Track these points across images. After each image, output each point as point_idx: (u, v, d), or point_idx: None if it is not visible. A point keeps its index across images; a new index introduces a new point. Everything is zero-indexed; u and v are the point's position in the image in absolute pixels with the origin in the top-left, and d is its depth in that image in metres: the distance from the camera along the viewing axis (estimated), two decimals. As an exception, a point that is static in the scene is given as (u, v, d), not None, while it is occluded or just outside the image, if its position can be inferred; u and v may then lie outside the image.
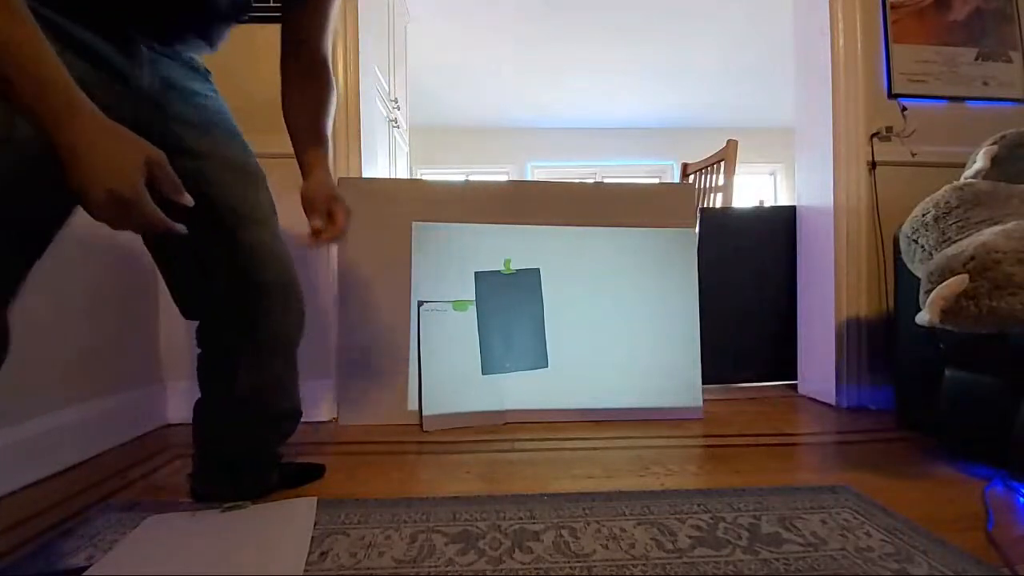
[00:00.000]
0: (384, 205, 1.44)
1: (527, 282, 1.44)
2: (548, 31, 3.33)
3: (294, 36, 0.91)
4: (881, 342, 1.50)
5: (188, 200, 0.62)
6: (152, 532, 0.77)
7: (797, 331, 1.71)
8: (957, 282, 0.86)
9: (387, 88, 2.24)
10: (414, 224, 1.43)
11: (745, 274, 1.79)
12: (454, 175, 5.25)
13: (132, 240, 1.33)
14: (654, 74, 4.07)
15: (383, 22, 2.18)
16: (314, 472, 0.99)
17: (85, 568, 0.67)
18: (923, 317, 0.91)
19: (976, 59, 1.56)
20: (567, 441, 1.23)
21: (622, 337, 1.45)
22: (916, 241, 1.05)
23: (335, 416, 1.41)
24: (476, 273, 1.43)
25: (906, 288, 1.18)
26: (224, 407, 0.87)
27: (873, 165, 1.52)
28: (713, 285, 1.68)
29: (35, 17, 0.49)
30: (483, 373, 1.39)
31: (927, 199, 1.07)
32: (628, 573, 0.66)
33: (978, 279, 0.84)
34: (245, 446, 0.89)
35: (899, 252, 1.15)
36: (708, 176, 2.40)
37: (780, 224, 1.77)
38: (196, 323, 0.87)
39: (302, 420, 0.98)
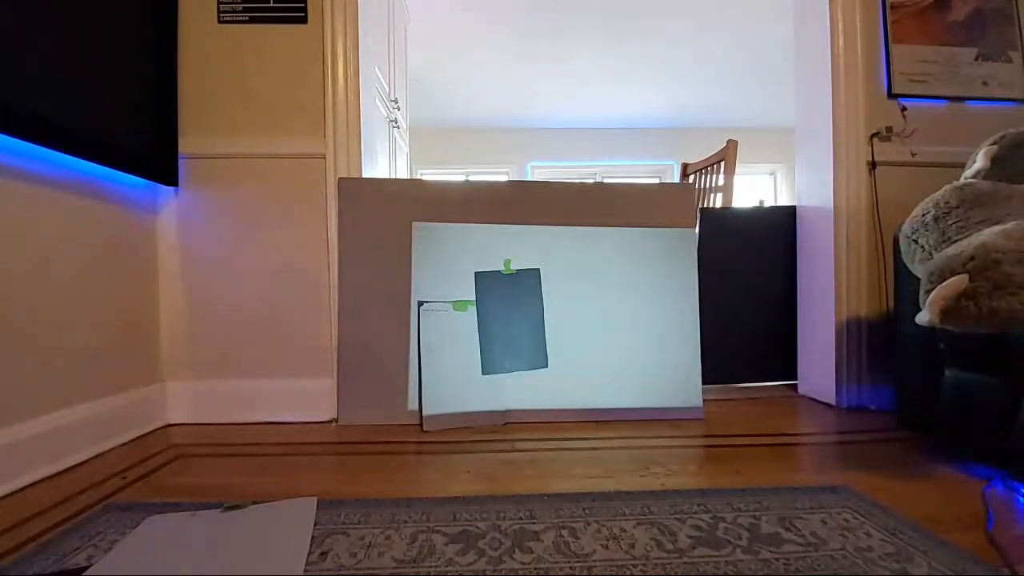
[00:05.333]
0: (384, 205, 1.44)
1: (527, 282, 1.44)
2: (548, 31, 3.33)
3: None
4: (881, 342, 1.50)
5: None
6: (152, 532, 0.77)
7: (797, 331, 1.71)
8: (957, 282, 0.86)
9: (387, 88, 2.25)
10: (414, 224, 1.43)
11: (745, 274, 1.79)
12: (454, 175, 5.26)
13: (133, 240, 1.34)
14: (654, 74, 4.07)
15: (383, 22, 2.18)
16: None
17: (85, 568, 0.67)
18: (923, 317, 0.91)
19: (976, 59, 1.56)
20: (567, 441, 1.23)
21: (622, 337, 1.45)
22: (916, 241, 1.05)
23: (335, 416, 1.41)
24: (476, 273, 1.43)
25: (906, 288, 1.18)
26: None
27: (873, 165, 1.52)
28: (713, 285, 1.68)
29: None
30: (483, 373, 1.39)
31: (927, 199, 1.06)
32: (628, 573, 0.66)
33: (978, 279, 0.84)
34: None
35: (899, 252, 1.15)
36: (708, 176, 2.40)
37: (780, 224, 1.77)
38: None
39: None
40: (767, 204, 4.73)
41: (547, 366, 1.42)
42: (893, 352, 1.39)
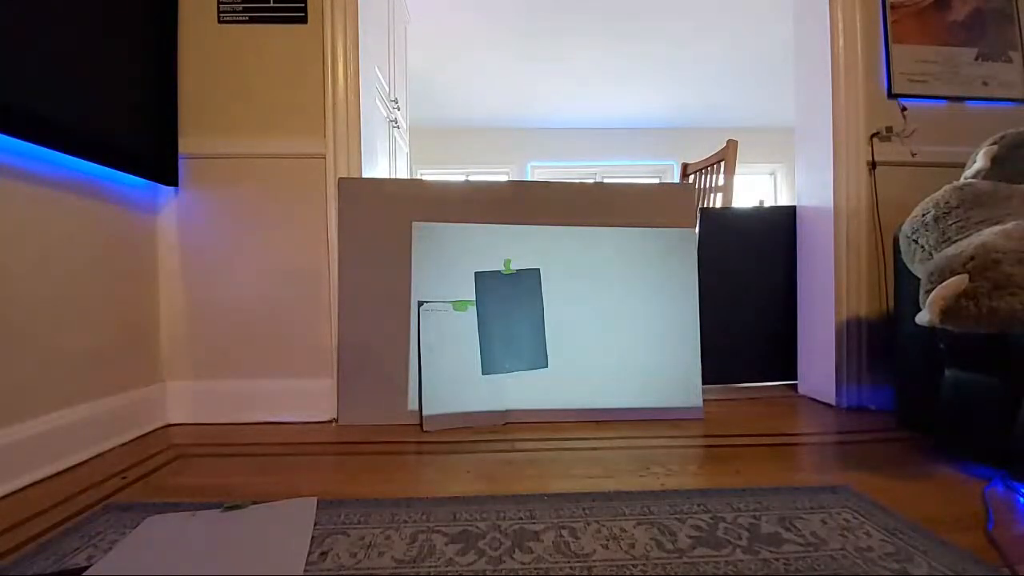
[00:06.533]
0: (384, 205, 1.44)
1: (527, 282, 1.44)
2: (548, 31, 3.33)
3: None
4: (881, 342, 1.50)
5: None
6: (152, 532, 0.77)
7: (797, 331, 1.71)
8: (957, 282, 0.86)
9: (387, 88, 2.25)
10: (414, 224, 1.43)
11: (745, 274, 1.79)
12: (454, 175, 5.26)
13: (133, 240, 1.34)
14: (654, 74, 4.07)
15: (383, 22, 2.18)
16: None
17: (85, 568, 0.67)
18: (923, 317, 0.91)
19: (976, 59, 1.56)
20: (567, 441, 1.23)
21: (622, 337, 1.45)
22: (916, 241, 1.05)
23: (335, 416, 1.41)
24: (476, 273, 1.43)
25: (906, 288, 1.18)
26: None
27: (873, 165, 1.52)
28: (713, 285, 1.68)
29: None
30: (483, 373, 1.39)
31: (927, 199, 1.06)
32: (628, 573, 0.66)
33: (978, 279, 0.84)
34: None
35: (899, 252, 1.15)
36: (708, 176, 2.40)
37: (780, 224, 1.77)
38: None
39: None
40: (767, 204, 4.73)
41: (547, 366, 1.42)
42: (893, 352, 1.38)
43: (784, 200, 5.43)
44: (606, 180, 5.10)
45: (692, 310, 1.48)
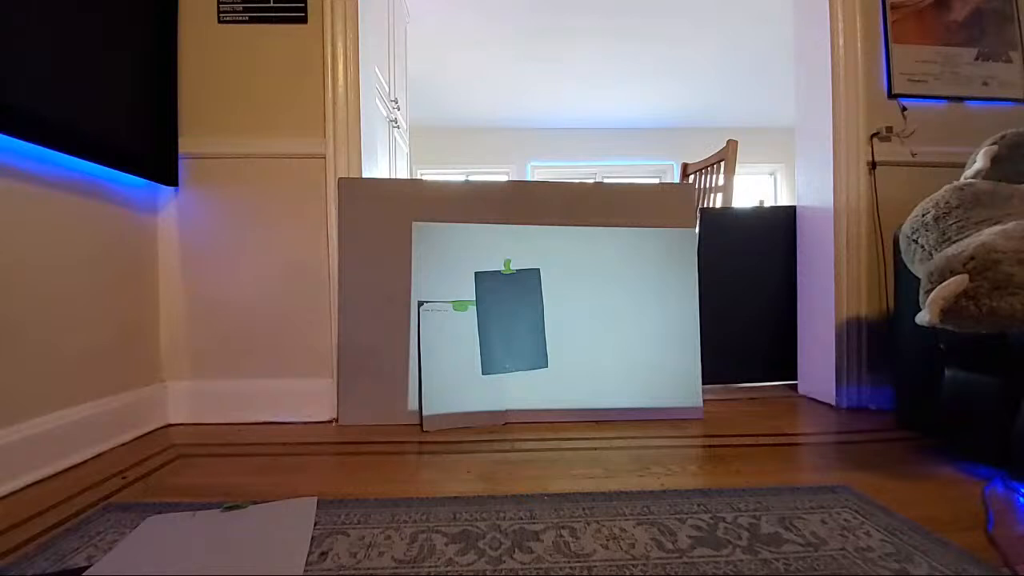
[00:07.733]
0: (384, 205, 1.44)
1: (527, 282, 1.44)
2: (548, 31, 3.33)
3: None
4: (881, 342, 1.50)
5: None
6: (152, 532, 0.77)
7: (797, 331, 1.71)
8: (957, 282, 0.86)
9: (387, 88, 2.24)
10: (414, 224, 1.43)
11: (745, 274, 1.79)
12: (454, 175, 5.25)
13: (133, 240, 1.34)
14: (654, 74, 4.07)
15: (383, 22, 2.18)
16: None
17: (85, 568, 0.67)
18: (923, 317, 0.91)
19: (976, 59, 1.56)
20: (567, 441, 1.23)
21: (622, 337, 1.45)
22: (916, 241, 1.05)
23: (335, 416, 1.41)
24: (476, 273, 1.43)
25: (906, 288, 1.18)
26: None
27: (873, 165, 1.52)
28: (713, 285, 1.68)
29: None
30: (483, 373, 1.39)
31: (927, 199, 1.06)
32: (628, 573, 0.66)
33: (978, 279, 0.84)
34: None
35: (899, 252, 1.15)
36: (708, 176, 2.40)
37: (780, 224, 1.77)
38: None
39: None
40: (767, 204, 4.73)
41: (547, 366, 1.42)
42: (893, 352, 1.39)
43: (784, 200, 5.44)
44: (606, 180, 5.10)
45: (692, 310, 1.48)
